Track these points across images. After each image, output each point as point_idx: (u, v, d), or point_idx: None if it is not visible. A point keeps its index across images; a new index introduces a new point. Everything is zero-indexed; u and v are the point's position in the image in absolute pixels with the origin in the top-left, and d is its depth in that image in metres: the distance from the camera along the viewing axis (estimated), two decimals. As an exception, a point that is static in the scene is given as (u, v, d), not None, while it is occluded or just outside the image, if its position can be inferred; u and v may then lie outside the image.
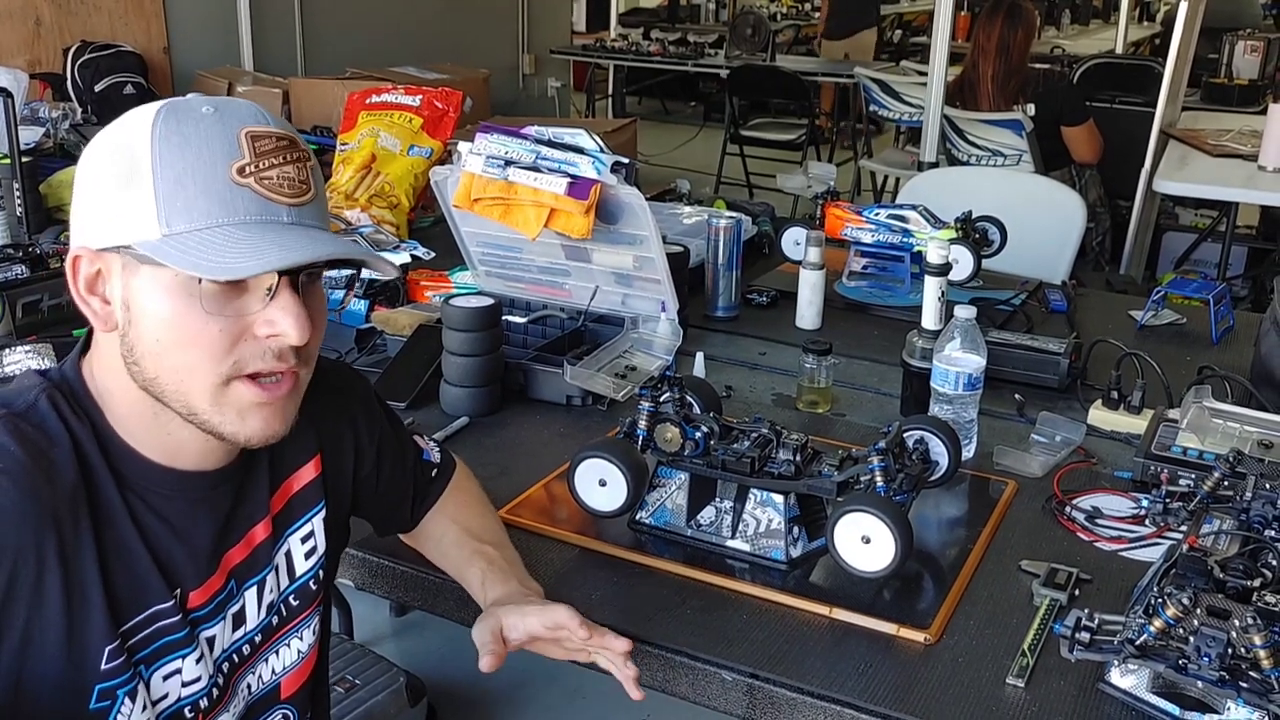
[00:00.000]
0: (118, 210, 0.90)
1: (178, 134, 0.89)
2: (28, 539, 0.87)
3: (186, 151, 0.89)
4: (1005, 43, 4.13)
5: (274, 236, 0.89)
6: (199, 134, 0.90)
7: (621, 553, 1.30)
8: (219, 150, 0.89)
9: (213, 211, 0.89)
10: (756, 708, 1.13)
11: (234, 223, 0.89)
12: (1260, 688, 0.98)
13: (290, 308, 0.92)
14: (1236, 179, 3.52)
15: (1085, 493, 1.47)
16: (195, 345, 0.91)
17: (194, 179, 0.89)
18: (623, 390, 1.67)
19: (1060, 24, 8.75)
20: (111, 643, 0.92)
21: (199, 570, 1.00)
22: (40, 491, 0.88)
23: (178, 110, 0.91)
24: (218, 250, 0.87)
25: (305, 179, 0.93)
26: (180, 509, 0.98)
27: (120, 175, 0.90)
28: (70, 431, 0.93)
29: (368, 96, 2.68)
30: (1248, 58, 5.15)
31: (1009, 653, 1.15)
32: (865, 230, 2.22)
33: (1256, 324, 1.88)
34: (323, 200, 0.97)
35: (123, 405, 0.95)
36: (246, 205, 0.89)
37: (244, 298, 0.91)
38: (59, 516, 0.89)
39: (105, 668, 0.92)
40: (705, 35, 7.94)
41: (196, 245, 0.88)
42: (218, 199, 0.89)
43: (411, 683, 2.04)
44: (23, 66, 3.70)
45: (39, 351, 1.66)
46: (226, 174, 0.89)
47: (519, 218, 1.83)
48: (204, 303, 0.90)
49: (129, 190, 0.89)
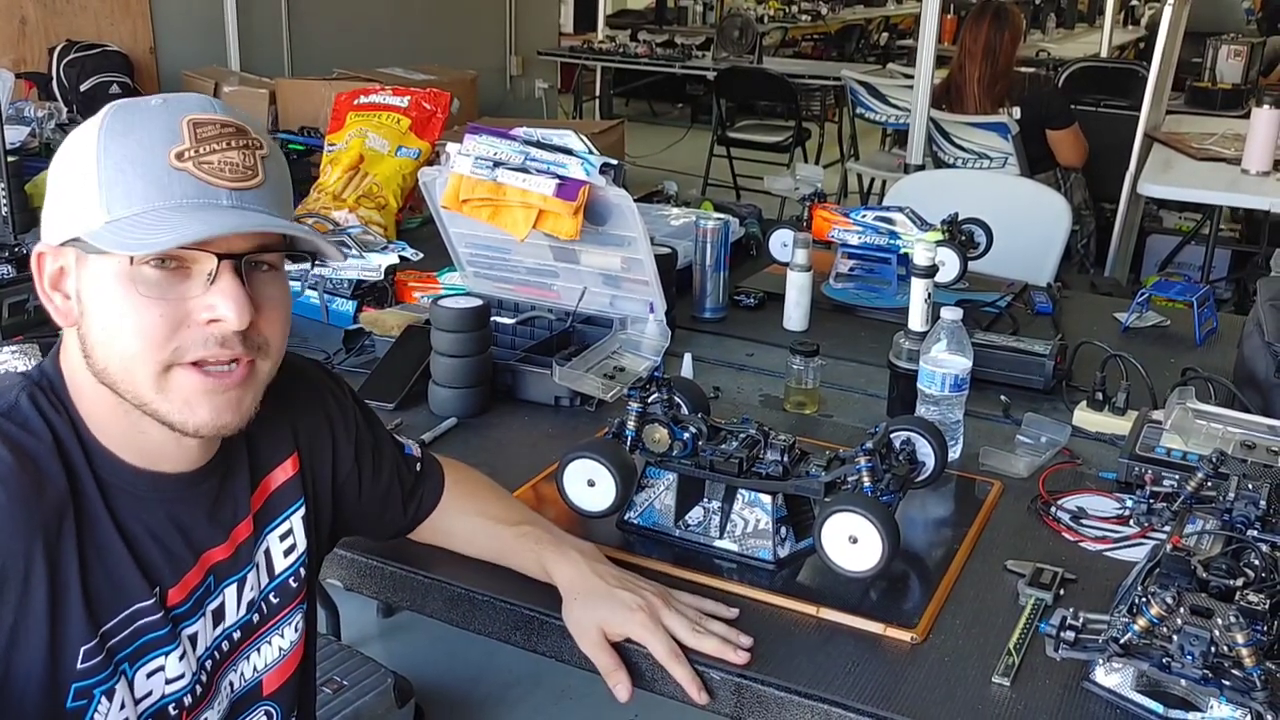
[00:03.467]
0: (70, 204, 0.92)
1: (123, 124, 0.91)
2: (17, 544, 0.88)
3: (129, 140, 0.90)
4: (992, 46, 4.15)
5: (205, 216, 0.90)
6: (143, 123, 0.91)
7: (610, 553, 1.30)
8: (160, 137, 0.90)
9: (150, 195, 0.89)
10: (744, 707, 1.14)
11: (169, 206, 0.89)
12: (1243, 685, 0.99)
13: (229, 291, 0.92)
14: (1220, 182, 3.55)
15: (1070, 493, 1.48)
16: (135, 331, 0.91)
17: (134, 165, 0.90)
18: (611, 391, 1.67)
19: (1045, 28, 8.78)
20: (89, 642, 0.92)
21: (177, 568, 1.00)
22: (28, 496, 0.89)
23: (128, 105, 0.93)
24: (147, 230, 0.88)
25: (252, 165, 0.93)
26: (159, 510, 0.99)
27: (73, 170, 0.92)
28: (52, 428, 0.94)
29: (355, 97, 2.68)
30: (1231, 62, 5.19)
31: (995, 652, 1.16)
32: (852, 232, 2.23)
33: (1240, 326, 1.89)
34: (278, 189, 0.96)
35: (94, 404, 0.95)
36: (184, 188, 0.90)
37: (185, 283, 0.92)
38: (46, 520, 0.90)
39: (80, 667, 0.92)
40: (693, 37, 7.94)
41: (130, 228, 0.88)
42: (155, 183, 0.89)
43: (399, 683, 2.03)
44: (8, 66, 3.70)
45: (25, 351, 1.65)
46: (165, 159, 0.90)
47: (507, 219, 1.83)
48: (140, 287, 0.90)
49: (79, 183, 0.91)
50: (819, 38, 9.84)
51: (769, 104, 6.95)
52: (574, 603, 1.19)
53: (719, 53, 7.05)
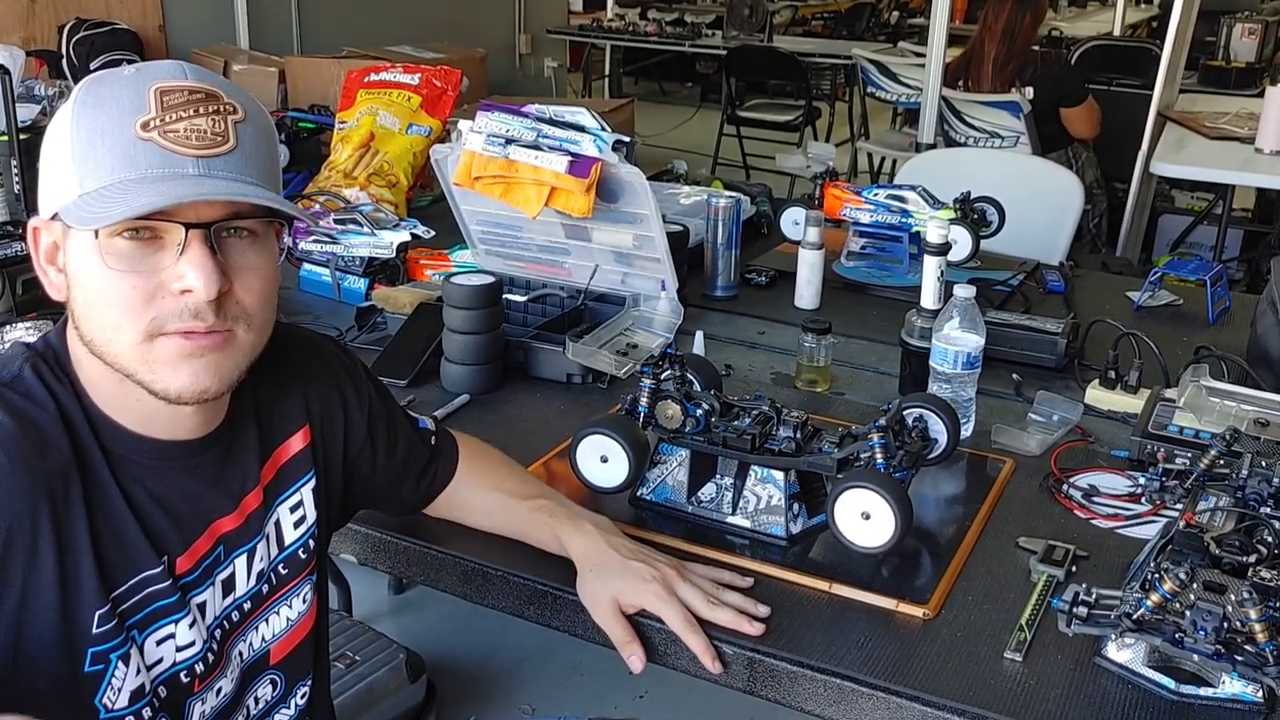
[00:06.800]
0: (51, 178, 0.93)
1: (94, 97, 0.92)
2: (22, 506, 0.89)
3: (99, 112, 0.91)
4: (1013, 26, 4.13)
5: (164, 186, 0.89)
6: (112, 94, 0.91)
7: (623, 529, 1.30)
8: (127, 107, 0.90)
9: (116, 167, 0.89)
10: (757, 681, 1.15)
11: (135, 177, 0.89)
12: (1255, 661, 1.00)
13: (198, 261, 0.91)
14: (1233, 162, 3.53)
15: (1082, 471, 1.48)
16: (112, 303, 0.91)
17: (103, 138, 0.90)
18: (624, 368, 1.68)
19: (1058, 6, 8.72)
20: (102, 607, 0.93)
21: (184, 536, 1.01)
22: (31, 460, 0.90)
23: (101, 77, 0.94)
24: (109, 203, 0.88)
25: (222, 131, 0.92)
26: (162, 477, 1.00)
27: (53, 144, 0.93)
28: (55, 398, 0.95)
29: (366, 75, 2.67)
30: (1245, 40, 5.15)
31: (1006, 628, 1.16)
32: (864, 210, 2.23)
33: (1252, 306, 1.89)
34: (254, 154, 0.94)
35: (93, 373, 0.96)
36: (149, 159, 0.90)
37: (159, 254, 0.92)
38: (51, 484, 0.91)
39: (96, 631, 0.93)
40: (702, 15, 7.91)
41: (95, 201, 0.89)
42: (122, 155, 0.90)
43: (411, 659, 2.05)
44: (18, 43, 3.68)
45: (39, 328, 1.66)
46: (131, 130, 0.90)
47: (519, 196, 1.83)
48: (112, 259, 0.90)
49: (57, 157, 0.92)
50: (829, 16, 9.77)
51: (779, 83, 6.92)
52: (588, 575, 1.20)
53: (729, 31, 7.01)
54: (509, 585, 1.27)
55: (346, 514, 1.26)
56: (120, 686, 0.96)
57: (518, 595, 1.27)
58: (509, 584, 1.27)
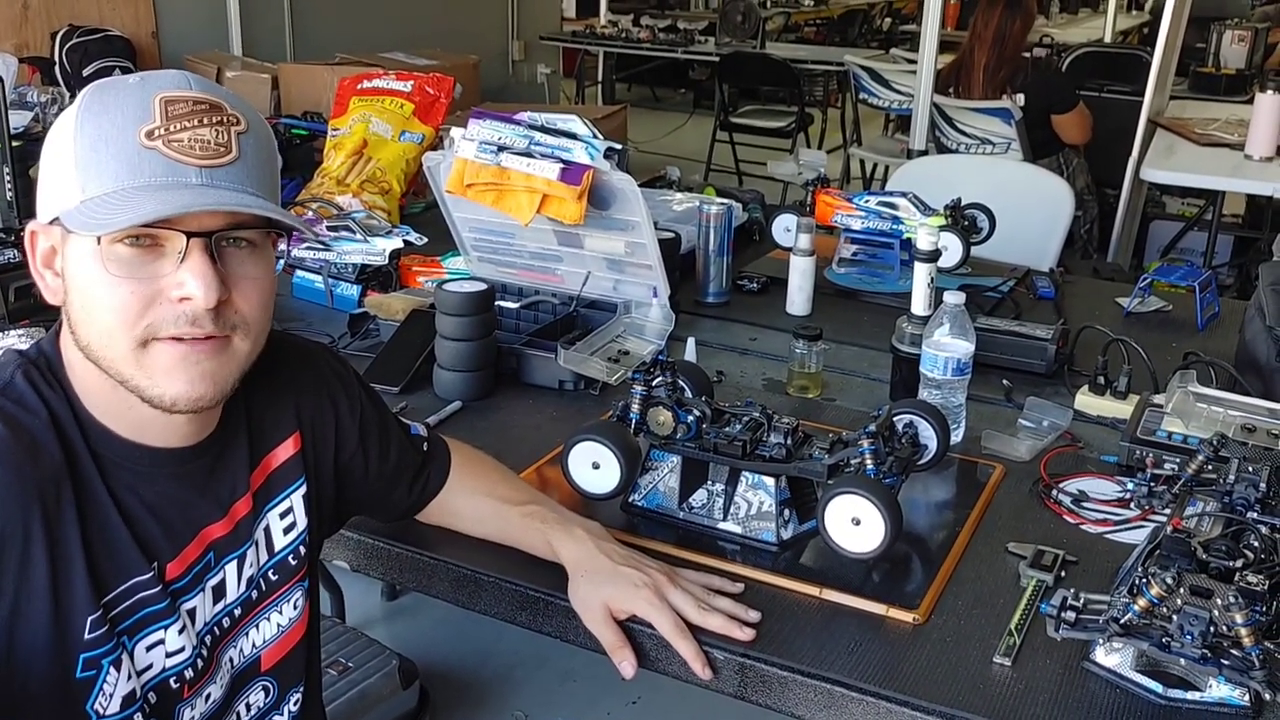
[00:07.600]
0: (52, 183, 0.94)
1: (99, 103, 0.92)
2: (14, 512, 0.89)
3: (103, 119, 0.91)
4: (1003, 32, 4.15)
5: (168, 195, 0.90)
6: (117, 102, 0.92)
7: (614, 535, 1.31)
8: (131, 116, 0.91)
9: (120, 175, 0.90)
10: (748, 686, 1.15)
11: (138, 185, 0.90)
12: (1241, 665, 1.00)
13: (198, 270, 0.92)
14: (1223, 168, 3.55)
15: (1071, 476, 1.49)
16: (108, 308, 0.92)
17: (107, 145, 0.91)
18: (615, 374, 1.68)
19: (1049, 12, 8.75)
20: (94, 613, 0.94)
21: (175, 543, 1.01)
22: (24, 467, 0.91)
23: (106, 84, 0.94)
24: (113, 209, 0.89)
25: (225, 142, 0.93)
26: (155, 485, 1.00)
27: (55, 150, 0.93)
28: (48, 405, 0.95)
29: (359, 82, 2.68)
30: (1235, 47, 5.17)
31: (996, 633, 1.17)
32: (855, 217, 2.24)
33: (1241, 311, 1.90)
34: (256, 165, 0.95)
35: (87, 380, 0.97)
36: (152, 168, 0.90)
37: (158, 261, 0.92)
38: (43, 490, 0.91)
39: (88, 637, 0.94)
40: (695, 22, 7.92)
41: (98, 207, 0.90)
42: (126, 163, 0.90)
43: (404, 665, 2.05)
44: (10, 50, 3.68)
45: (32, 336, 1.66)
46: (135, 138, 0.90)
47: (512, 203, 1.83)
48: (112, 265, 0.91)
49: (59, 162, 0.93)
50: (822, 22, 9.80)
51: (772, 89, 6.93)
52: (580, 580, 1.20)
53: (721, 37, 7.03)
54: (500, 591, 1.28)
55: (339, 520, 1.27)
56: (112, 692, 0.96)
57: (509, 601, 1.27)
58: (500, 590, 1.27)
